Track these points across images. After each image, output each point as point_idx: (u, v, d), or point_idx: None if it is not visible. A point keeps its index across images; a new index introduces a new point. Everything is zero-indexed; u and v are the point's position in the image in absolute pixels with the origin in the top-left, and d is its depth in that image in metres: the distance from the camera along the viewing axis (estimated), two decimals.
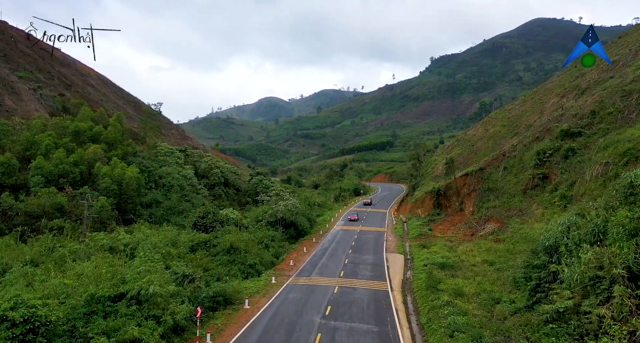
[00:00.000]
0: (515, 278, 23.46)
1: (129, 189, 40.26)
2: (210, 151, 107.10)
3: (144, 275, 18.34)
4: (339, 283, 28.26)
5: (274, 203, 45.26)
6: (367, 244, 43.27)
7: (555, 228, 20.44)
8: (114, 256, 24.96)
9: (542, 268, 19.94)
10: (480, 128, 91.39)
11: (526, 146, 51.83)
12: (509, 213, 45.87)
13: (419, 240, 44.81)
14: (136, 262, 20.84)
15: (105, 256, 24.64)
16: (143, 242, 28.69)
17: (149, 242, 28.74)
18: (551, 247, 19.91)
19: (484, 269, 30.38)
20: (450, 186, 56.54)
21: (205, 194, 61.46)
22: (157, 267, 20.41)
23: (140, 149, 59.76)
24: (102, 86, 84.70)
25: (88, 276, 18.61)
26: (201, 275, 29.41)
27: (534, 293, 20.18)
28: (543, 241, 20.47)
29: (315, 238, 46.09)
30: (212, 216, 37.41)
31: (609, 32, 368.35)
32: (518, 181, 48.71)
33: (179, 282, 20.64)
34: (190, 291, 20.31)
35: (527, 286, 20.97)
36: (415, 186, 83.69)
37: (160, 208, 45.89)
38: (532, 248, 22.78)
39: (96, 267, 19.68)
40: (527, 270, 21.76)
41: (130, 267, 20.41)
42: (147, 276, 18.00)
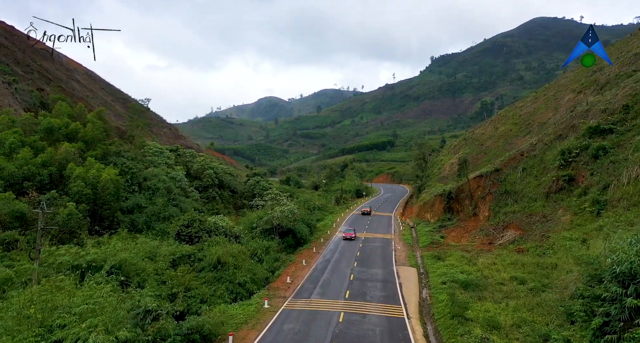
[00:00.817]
0: (567, 308, 18.77)
1: (105, 194, 35.56)
2: (206, 150, 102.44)
3: (86, 315, 13.71)
4: (344, 308, 23.63)
5: (270, 209, 40.62)
6: (373, 254, 38.63)
7: (627, 249, 15.81)
8: (67, 278, 20.32)
9: (613, 301, 15.32)
10: (489, 127, 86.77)
11: (547, 145, 47.24)
12: (531, 219, 41.29)
13: (431, 250, 40.19)
14: (77, 298, 15.97)
15: (59, 280, 20.03)
16: (112, 258, 24.03)
17: (118, 258, 24.07)
18: (624, 274, 15.29)
19: (515, 289, 25.79)
20: (463, 189, 51.92)
21: (196, 197, 56.82)
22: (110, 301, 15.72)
23: (126, 148, 55.09)
24: (89, 81, 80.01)
25: (6, 319, 13.90)
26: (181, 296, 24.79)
27: (600, 333, 15.58)
28: (612, 267, 15.82)
29: (315, 247, 41.46)
30: (198, 224, 32.73)
31: (610, 32, 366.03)
32: (539, 183, 44.11)
33: (139, 321, 15.93)
34: (154, 333, 15.57)
35: (588, 324, 16.35)
36: (421, 188, 79.12)
37: (143, 214, 41.20)
38: (590, 272, 18.11)
39: (30, 302, 15.01)
40: (588, 301, 17.11)
41: (75, 298, 15.70)
42: (90, 320, 13.36)
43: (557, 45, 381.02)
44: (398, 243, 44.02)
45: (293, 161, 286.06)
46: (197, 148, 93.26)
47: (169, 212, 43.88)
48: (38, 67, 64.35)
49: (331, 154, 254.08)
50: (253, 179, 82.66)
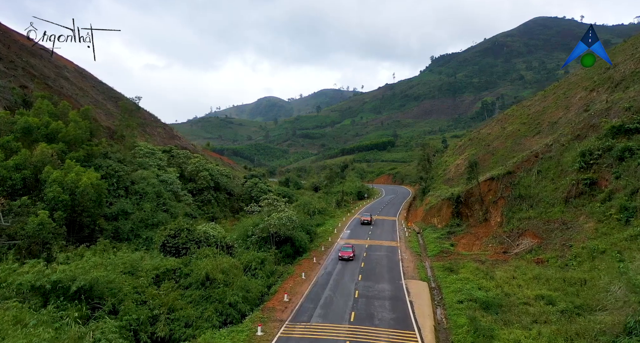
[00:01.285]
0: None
1: (85, 200, 32.31)
2: (202, 151, 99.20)
3: None
4: (350, 335, 20.44)
5: (267, 214, 37.39)
6: (379, 265, 35.41)
7: None
8: (24, 304, 17.13)
9: None
10: (495, 126, 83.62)
11: (564, 146, 44.07)
12: (549, 226, 38.13)
13: (441, 260, 37.00)
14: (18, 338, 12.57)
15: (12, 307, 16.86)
16: (82, 277, 20.79)
17: (89, 277, 20.82)
18: None
19: (544, 310, 22.63)
20: (473, 193, 48.74)
21: (189, 201, 53.57)
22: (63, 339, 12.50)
23: (114, 149, 51.87)
24: (79, 79, 76.64)
25: None
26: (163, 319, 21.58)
27: None
28: None
29: (315, 256, 38.24)
30: (186, 234, 29.50)
31: (611, 31, 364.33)
32: (557, 187, 40.96)
33: None
34: None
35: None
36: (426, 190, 75.94)
37: (129, 221, 37.94)
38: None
39: None
40: None
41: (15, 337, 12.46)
42: None
43: (557, 45, 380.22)
44: (405, 252, 40.82)
45: (292, 161, 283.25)
46: (192, 149, 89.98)
47: (158, 218, 40.66)
48: (23, 64, 61.04)
49: (331, 154, 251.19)
50: (251, 181, 79.46)
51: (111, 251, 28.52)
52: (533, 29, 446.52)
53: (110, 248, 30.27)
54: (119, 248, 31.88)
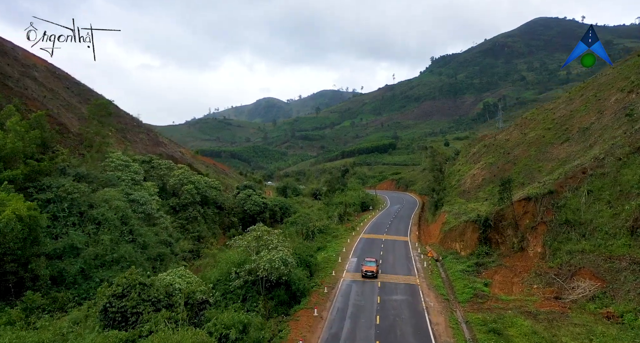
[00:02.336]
0: None
1: (9, 239, 24.15)
2: (192, 157, 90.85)
3: None
4: None
5: (254, 252, 29.16)
6: (399, 320, 27.15)
7: None
8: None
9: None
10: (514, 132, 75.63)
11: (622, 160, 36.06)
12: (613, 265, 30.06)
13: (478, 309, 28.85)
14: None
15: None
16: None
17: None
18: None
19: None
20: (504, 215, 40.63)
21: (166, 224, 45.25)
22: None
23: (77, 162, 43.67)
24: (50, 79, 68.34)
25: None
26: None
27: None
28: None
29: (317, 303, 29.98)
30: (138, 292, 21.24)
31: (612, 32, 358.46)
32: (617, 212, 32.96)
33: None
34: None
35: None
36: (438, 204, 67.91)
37: (78, 259, 29.68)
38: None
39: None
40: None
41: None
42: None
43: (558, 45, 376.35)
44: (428, 295, 32.60)
45: (291, 163, 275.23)
46: (179, 156, 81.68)
47: (120, 252, 32.38)
48: None
49: (331, 157, 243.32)
50: (244, 192, 71.28)
51: (24, 323, 20.21)
52: (534, 30, 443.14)
53: (24, 318, 21.87)
54: (39, 318, 23.46)
